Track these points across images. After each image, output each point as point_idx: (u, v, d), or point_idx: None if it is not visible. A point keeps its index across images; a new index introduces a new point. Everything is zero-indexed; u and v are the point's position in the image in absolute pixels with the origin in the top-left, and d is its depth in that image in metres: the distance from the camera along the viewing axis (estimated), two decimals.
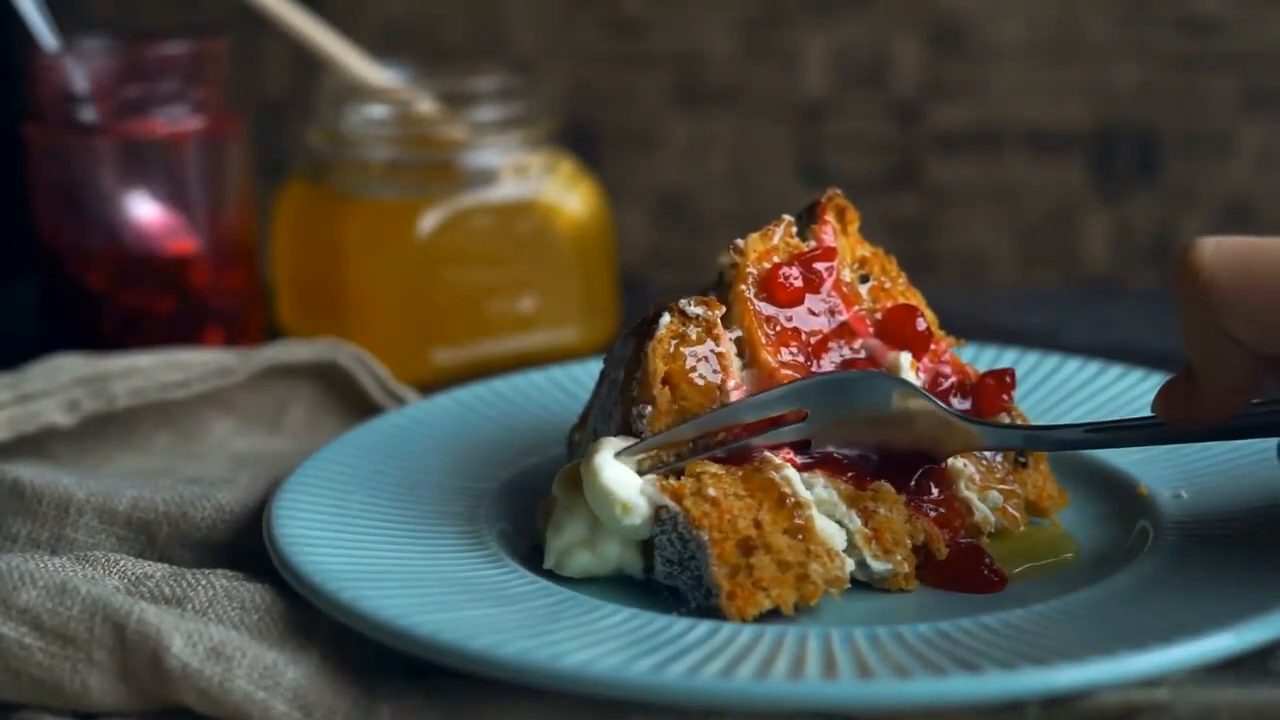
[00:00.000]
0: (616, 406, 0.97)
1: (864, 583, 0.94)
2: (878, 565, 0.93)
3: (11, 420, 1.11)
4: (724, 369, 0.96)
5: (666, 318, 0.96)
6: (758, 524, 0.91)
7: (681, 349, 0.96)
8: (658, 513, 0.92)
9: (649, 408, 0.94)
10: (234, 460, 1.16)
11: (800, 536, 0.91)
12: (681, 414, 0.95)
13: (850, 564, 0.93)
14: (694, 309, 0.96)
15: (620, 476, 0.93)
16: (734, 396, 0.96)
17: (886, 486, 0.95)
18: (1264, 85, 1.68)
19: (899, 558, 0.94)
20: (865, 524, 0.94)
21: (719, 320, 0.97)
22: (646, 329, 0.96)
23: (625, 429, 0.95)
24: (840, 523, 0.94)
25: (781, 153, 1.77)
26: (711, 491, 0.91)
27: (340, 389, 1.22)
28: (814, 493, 0.94)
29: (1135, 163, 1.71)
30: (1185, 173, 1.70)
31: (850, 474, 0.95)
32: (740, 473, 0.93)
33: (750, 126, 1.76)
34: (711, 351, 0.96)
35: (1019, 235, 1.75)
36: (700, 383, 0.95)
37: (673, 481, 0.92)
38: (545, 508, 0.99)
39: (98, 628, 0.87)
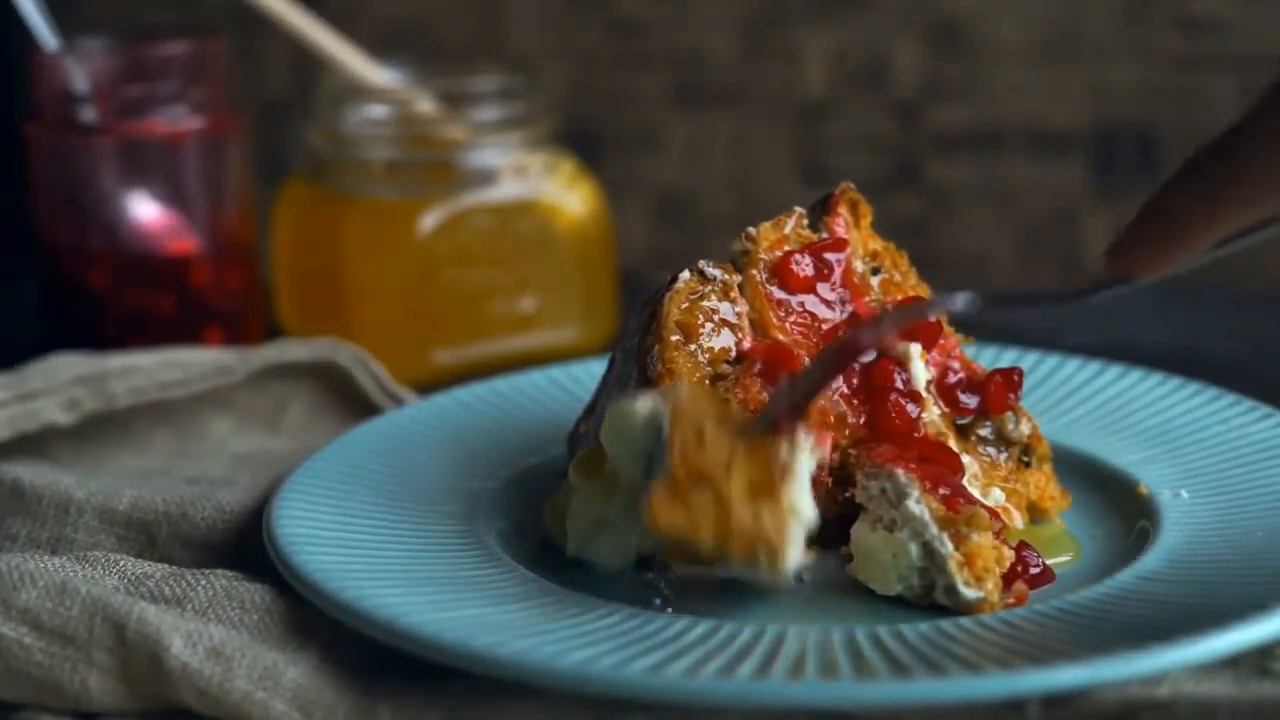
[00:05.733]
0: (633, 366, 0.97)
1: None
2: (969, 592, 0.90)
3: (11, 419, 1.11)
4: (741, 330, 0.96)
5: (685, 274, 0.97)
6: (727, 467, 0.87)
7: (699, 304, 0.96)
8: (658, 428, 0.89)
9: (658, 345, 0.95)
10: (234, 460, 1.16)
11: (760, 494, 0.87)
12: (693, 357, 0.95)
13: (797, 555, 0.87)
14: (712, 270, 0.97)
15: (645, 399, 0.91)
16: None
17: (980, 512, 0.92)
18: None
19: (989, 585, 0.90)
20: (957, 549, 0.90)
21: (735, 284, 0.97)
22: (663, 290, 0.97)
23: (644, 384, 0.95)
24: (931, 545, 0.90)
25: (781, 153, 1.77)
26: (706, 431, 0.88)
27: (339, 389, 1.22)
28: (907, 506, 0.91)
29: (1135, 163, 1.71)
30: None
31: (943, 490, 0.92)
32: (757, 438, 0.89)
33: (750, 126, 1.76)
34: (727, 313, 0.96)
35: (1019, 235, 1.75)
36: (713, 343, 0.96)
37: (686, 407, 0.89)
38: (554, 503, 0.99)
39: (98, 628, 0.87)
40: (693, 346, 0.96)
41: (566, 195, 1.40)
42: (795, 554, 0.87)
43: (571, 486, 0.97)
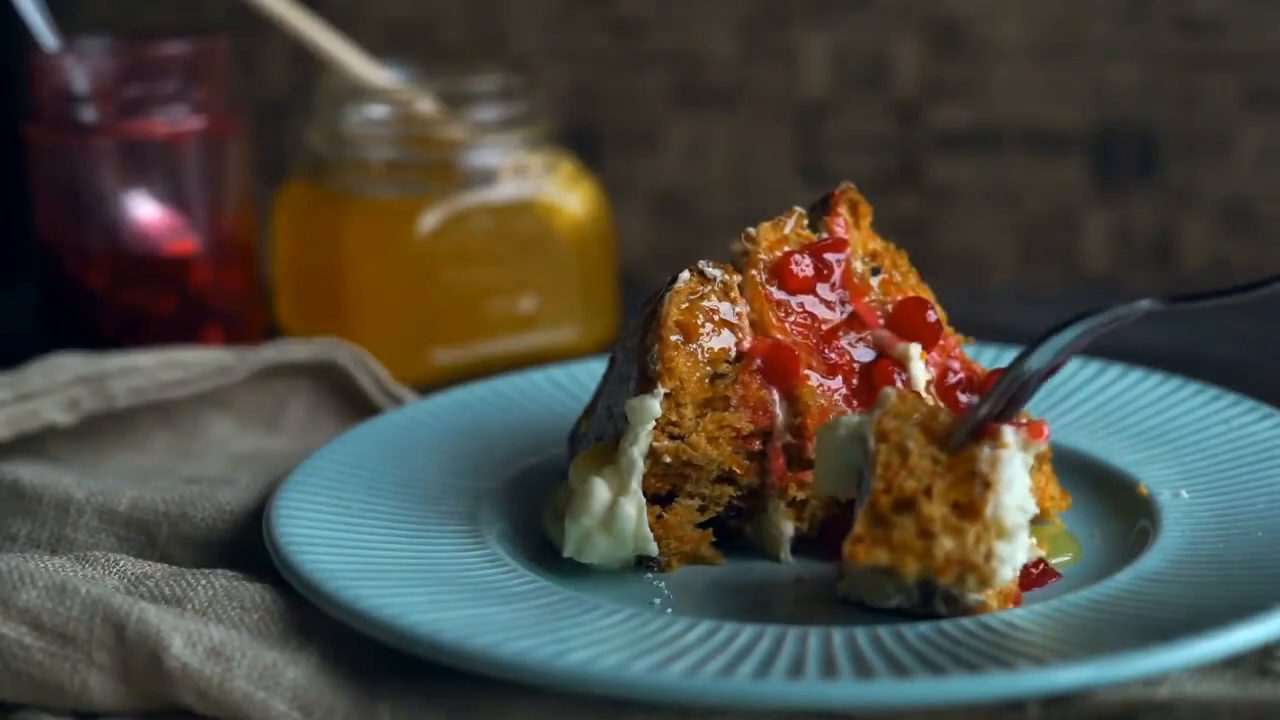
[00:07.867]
0: (633, 366, 0.97)
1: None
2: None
3: (11, 419, 1.11)
4: (740, 330, 0.96)
5: (685, 274, 0.97)
6: (929, 491, 0.87)
7: (699, 304, 0.96)
8: (865, 443, 0.90)
9: (658, 345, 0.95)
10: (233, 460, 1.16)
11: (967, 516, 0.87)
12: (693, 357, 0.95)
13: (1015, 570, 0.88)
14: (712, 270, 0.97)
15: (853, 415, 0.92)
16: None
17: None
18: (1264, 85, 1.68)
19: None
20: None
21: (735, 285, 0.97)
22: (663, 290, 0.97)
23: (644, 383, 0.95)
24: None
25: (781, 153, 1.77)
26: (910, 445, 0.88)
27: (339, 389, 1.22)
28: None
29: (1135, 163, 1.71)
30: (1185, 173, 1.70)
31: None
32: (962, 452, 0.88)
33: (750, 126, 1.76)
34: (727, 313, 0.96)
35: (1019, 235, 1.75)
36: (713, 343, 0.96)
37: (890, 422, 0.89)
38: (554, 503, 0.99)
39: (97, 628, 0.87)
40: (693, 346, 0.96)
41: (566, 195, 1.40)
42: (1006, 571, 0.88)
43: (571, 487, 0.97)
